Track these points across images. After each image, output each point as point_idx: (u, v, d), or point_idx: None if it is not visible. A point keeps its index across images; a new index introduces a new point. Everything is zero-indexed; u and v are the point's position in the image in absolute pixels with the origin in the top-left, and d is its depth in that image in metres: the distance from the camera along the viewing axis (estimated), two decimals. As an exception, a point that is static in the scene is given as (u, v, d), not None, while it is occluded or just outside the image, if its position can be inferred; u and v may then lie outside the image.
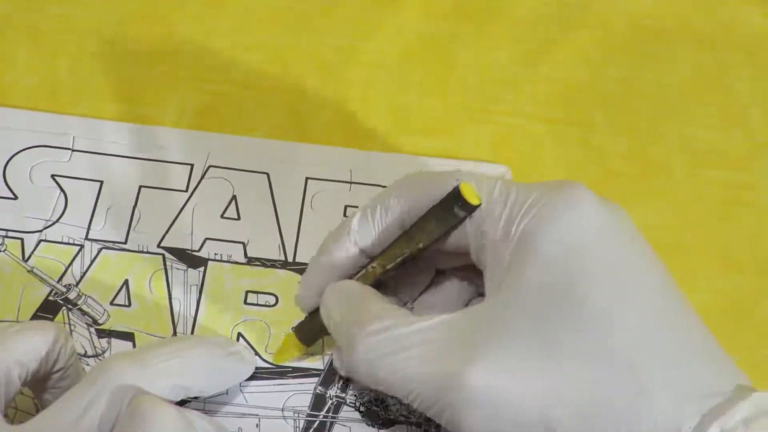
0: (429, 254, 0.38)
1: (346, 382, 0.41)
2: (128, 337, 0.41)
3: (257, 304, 0.42)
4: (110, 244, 0.43)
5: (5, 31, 0.50)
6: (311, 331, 0.40)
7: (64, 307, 0.42)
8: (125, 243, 0.44)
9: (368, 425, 0.39)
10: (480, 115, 0.49)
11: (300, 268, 0.43)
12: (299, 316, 0.42)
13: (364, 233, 0.38)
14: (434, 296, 0.40)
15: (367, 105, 0.49)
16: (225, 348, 0.38)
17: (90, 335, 0.41)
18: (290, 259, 0.44)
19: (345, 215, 0.45)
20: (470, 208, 0.35)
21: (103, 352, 0.41)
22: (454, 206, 0.35)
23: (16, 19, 0.51)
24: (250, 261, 0.43)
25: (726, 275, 0.45)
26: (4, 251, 0.43)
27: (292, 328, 0.41)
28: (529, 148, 0.48)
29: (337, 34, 0.51)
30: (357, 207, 0.45)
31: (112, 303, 0.42)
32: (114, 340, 0.41)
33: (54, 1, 0.51)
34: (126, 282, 0.42)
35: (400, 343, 0.34)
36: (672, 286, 0.34)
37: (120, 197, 0.45)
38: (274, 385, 0.40)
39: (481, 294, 0.39)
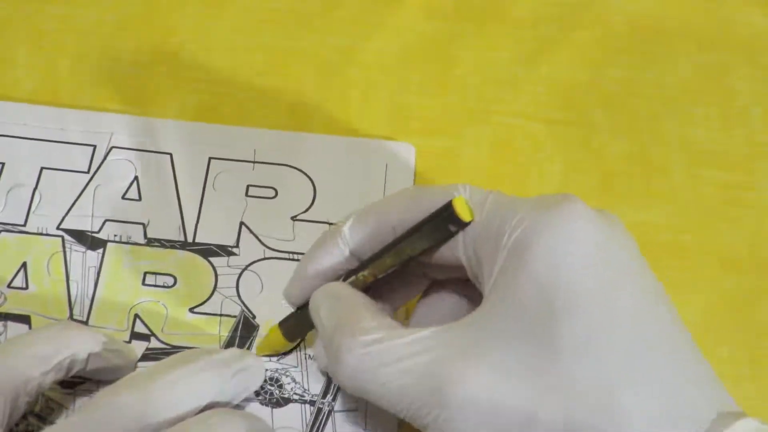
0: (422, 265, 0.38)
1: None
2: (24, 320, 0.41)
3: (155, 285, 0.42)
4: (9, 227, 0.43)
5: (5, 32, 0.50)
6: (297, 327, 0.40)
7: None
8: (24, 225, 0.44)
9: (263, 405, 0.40)
10: (480, 115, 0.49)
11: (199, 249, 0.43)
12: (198, 298, 0.42)
13: (356, 236, 0.38)
14: (431, 308, 0.39)
15: (367, 105, 0.49)
16: (232, 367, 0.38)
17: None
18: (190, 240, 0.44)
19: (247, 195, 0.45)
20: (462, 224, 0.35)
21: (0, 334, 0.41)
22: (445, 221, 0.35)
23: (16, 19, 0.51)
24: (150, 242, 0.43)
25: (726, 275, 0.45)
26: None
27: (279, 322, 0.41)
28: (529, 148, 0.48)
29: (337, 34, 0.51)
30: (260, 186, 0.45)
31: (9, 286, 0.42)
32: (10, 323, 0.41)
33: (54, 2, 0.51)
34: (24, 264, 0.42)
35: (388, 357, 0.33)
36: (662, 306, 0.33)
37: (21, 179, 0.45)
38: None
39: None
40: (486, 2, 0.53)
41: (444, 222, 0.35)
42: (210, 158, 0.46)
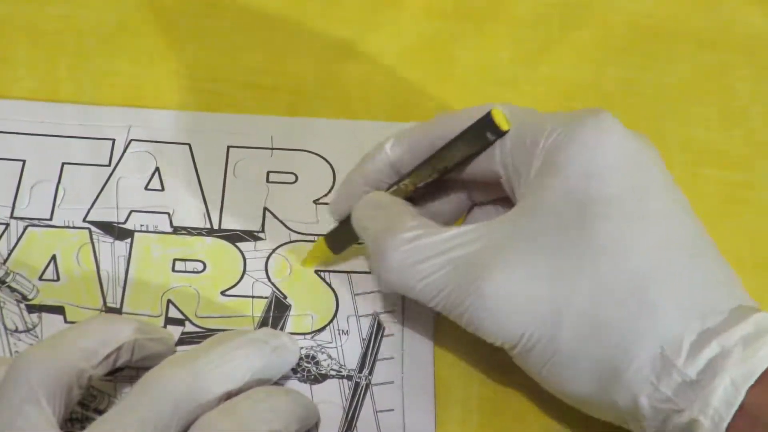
0: (462, 185, 0.40)
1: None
2: (59, 310, 0.42)
3: (185, 271, 0.43)
4: (36, 221, 0.44)
5: (5, 32, 0.50)
6: (341, 238, 0.42)
7: None
8: (51, 219, 0.44)
9: (301, 382, 0.40)
10: (480, 114, 0.49)
11: (226, 235, 0.44)
12: (228, 281, 0.42)
13: (397, 151, 0.40)
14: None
15: (367, 105, 0.49)
16: (269, 343, 0.38)
17: (20, 311, 0.41)
18: (215, 227, 0.44)
19: (268, 181, 0.46)
20: (500, 132, 0.37)
21: (34, 326, 0.41)
22: (484, 129, 0.37)
23: (16, 19, 0.51)
24: (176, 230, 0.44)
25: (726, 274, 0.45)
26: None
27: (324, 235, 0.42)
28: (529, 148, 0.48)
29: (337, 34, 0.51)
30: (280, 172, 0.46)
31: (40, 278, 0.42)
32: (45, 315, 0.41)
33: (54, 1, 0.52)
34: (54, 257, 0.43)
35: (428, 251, 0.36)
36: (687, 212, 0.36)
37: (43, 175, 0.45)
38: None
39: None
40: (486, 2, 0.53)
41: (483, 130, 0.37)
42: (228, 147, 0.47)
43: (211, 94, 0.49)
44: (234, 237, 0.44)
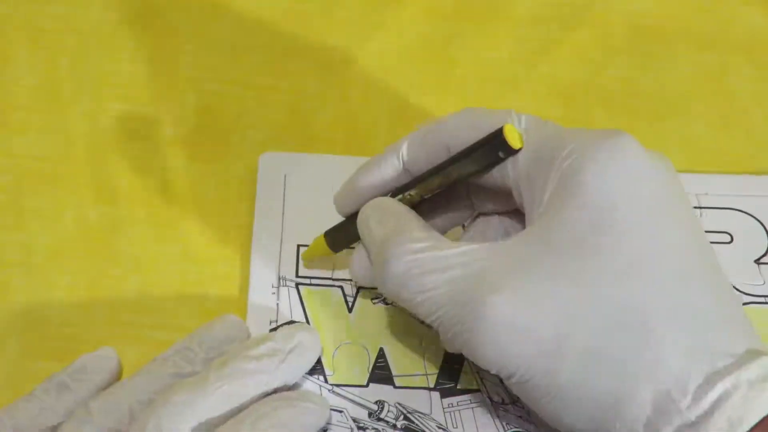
0: (468, 194, 0.39)
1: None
2: None
3: None
4: None
5: (5, 31, 0.50)
6: (342, 237, 0.41)
7: None
8: None
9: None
10: (480, 114, 0.49)
11: None
12: None
13: (412, 153, 0.39)
14: (475, 237, 0.40)
15: (367, 105, 0.49)
16: (283, 349, 0.38)
17: None
18: None
19: None
20: (511, 151, 0.36)
21: None
22: (495, 147, 0.36)
23: (16, 19, 0.51)
24: None
25: (726, 275, 0.45)
26: None
27: (325, 231, 0.42)
28: (529, 148, 0.48)
29: (337, 34, 0.51)
30: None
31: None
32: None
33: (54, 1, 0.51)
34: None
35: (432, 265, 0.35)
36: (702, 246, 0.35)
37: None
38: None
39: None
40: (486, 2, 0.53)
41: (494, 148, 0.36)
42: None
43: (211, 94, 0.49)
44: None
